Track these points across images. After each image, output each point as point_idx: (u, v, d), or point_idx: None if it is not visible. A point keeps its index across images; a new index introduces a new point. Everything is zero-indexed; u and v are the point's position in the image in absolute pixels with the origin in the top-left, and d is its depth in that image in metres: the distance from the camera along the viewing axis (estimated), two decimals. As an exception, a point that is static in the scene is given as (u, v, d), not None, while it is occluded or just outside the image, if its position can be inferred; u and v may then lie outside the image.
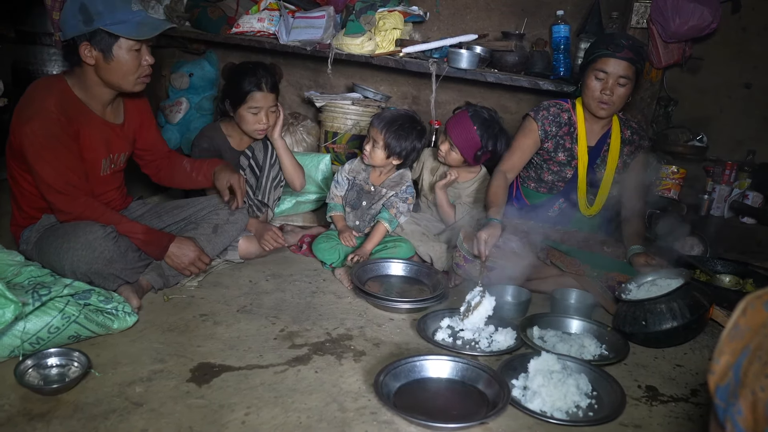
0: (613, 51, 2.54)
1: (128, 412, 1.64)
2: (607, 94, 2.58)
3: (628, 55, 2.54)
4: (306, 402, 1.75)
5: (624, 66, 2.55)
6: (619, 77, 2.56)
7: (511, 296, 2.50)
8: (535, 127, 2.75)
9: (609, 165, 2.74)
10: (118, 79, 2.23)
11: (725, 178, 3.32)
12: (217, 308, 2.29)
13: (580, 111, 2.75)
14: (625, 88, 2.59)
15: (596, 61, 2.59)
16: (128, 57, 2.20)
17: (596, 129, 2.75)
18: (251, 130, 2.80)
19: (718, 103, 3.50)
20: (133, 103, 2.48)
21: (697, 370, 2.15)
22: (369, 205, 2.86)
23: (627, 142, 2.77)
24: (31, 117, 2.13)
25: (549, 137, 2.75)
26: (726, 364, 0.95)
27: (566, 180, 2.77)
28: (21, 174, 2.26)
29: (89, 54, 2.16)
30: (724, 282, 2.78)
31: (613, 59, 2.55)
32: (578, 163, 2.73)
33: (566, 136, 2.75)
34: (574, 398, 1.80)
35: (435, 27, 3.84)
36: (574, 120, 2.74)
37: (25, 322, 1.79)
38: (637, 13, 3.18)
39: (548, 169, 2.79)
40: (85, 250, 2.11)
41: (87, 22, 2.12)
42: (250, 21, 3.71)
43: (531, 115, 2.78)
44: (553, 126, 2.74)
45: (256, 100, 2.73)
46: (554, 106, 2.77)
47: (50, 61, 3.61)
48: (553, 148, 2.76)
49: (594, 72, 2.60)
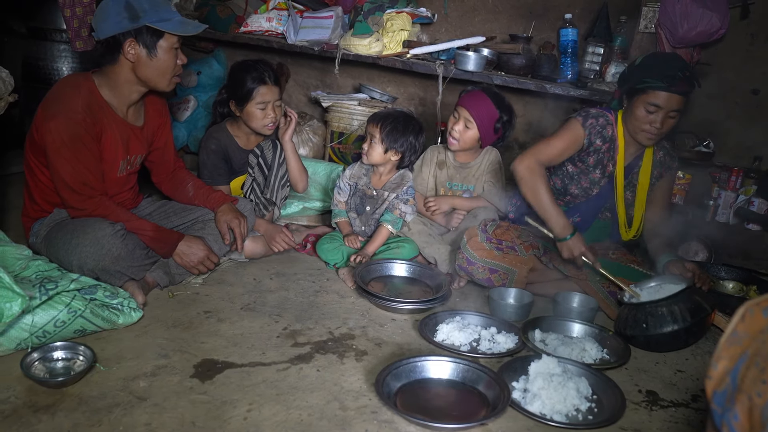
0: (668, 85, 2.33)
1: (132, 406, 1.66)
2: (657, 126, 2.40)
3: (682, 88, 2.35)
4: (307, 400, 1.77)
5: (677, 100, 2.36)
6: (671, 110, 2.38)
7: (513, 299, 2.51)
8: (582, 134, 2.52)
9: (640, 186, 2.62)
10: (157, 76, 2.27)
11: (731, 184, 3.32)
12: (221, 305, 2.30)
13: (621, 128, 2.55)
14: (674, 120, 2.41)
15: (647, 92, 2.37)
16: (168, 55, 2.26)
17: (632, 150, 2.59)
18: (261, 126, 2.78)
19: (726, 108, 3.49)
20: (153, 106, 2.51)
21: (698, 375, 2.15)
22: (373, 210, 2.86)
23: (658, 165, 2.64)
24: (57, 114, 2.17)
25: (592, 151, 2.55)
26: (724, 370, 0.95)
27: (588, 196, 2.65)
28: (39, 167, 2.29)
29: (132, 51, 2.21)
30: (727, 288, 2.78)
31: (667, 93, 2.35)
32: (616, 182, 2.59)
33: (607, 153, 2.56)
34: (574, 401, 1.81)
35: (443, 29, 3.85)
36: (616, 136, 2.55)
37: (32, 316, 1.81)
38: (645, 18, 3.18)
39: (578, 183, 2.63)
40: (93, 247, 2.13)
41: (133, 19, 2.17)
42: (258, 20, 3.73)
43: (579, 119, 2.54)
44: (598, 139, 2.53)
45: (263, 95, 2.73)
46: (602, 117, 2.54)
47: (61, 58, 3.63)
48: (594, 163, 2.57)
49: (644, 104, 2.39)
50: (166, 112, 2.61)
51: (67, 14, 2.68)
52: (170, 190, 2.68)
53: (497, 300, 2.44)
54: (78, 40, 2.72)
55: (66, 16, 2.69)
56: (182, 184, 2.65)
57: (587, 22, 3.53)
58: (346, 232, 2.85)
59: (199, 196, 2.61)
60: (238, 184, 2.91)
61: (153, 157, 2.61)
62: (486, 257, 2.54)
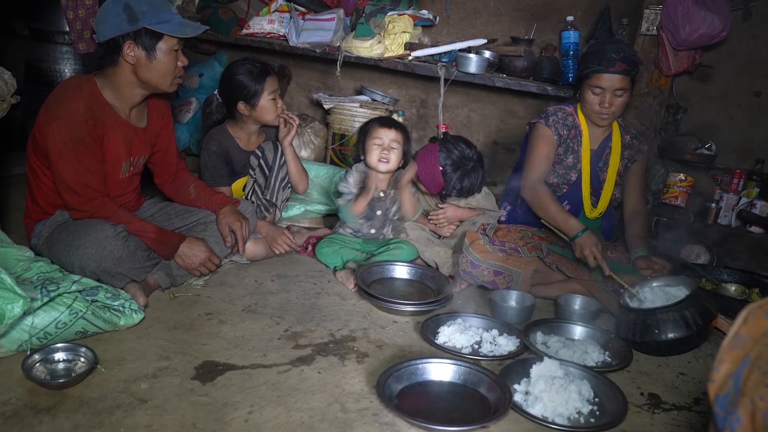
0: (605, 67, 2.55)
1: (133, 408, 1.66)
2: (606, 106, 2.60)
3: (621, 68, 2.55)
4: (308, 402, 1.76)
5: (618, 79, 2.57)
6: (615, 90, 2.58)
7: (514, 301, 2.50)
8: (550, 132, 2.73)
9: (611, 168, 2.76)
10: (157, 78, 2.28)
11: (733, 187, 3.31)
12: (223, 307, 2.30)
13: (582, 116, 2.76)
14: (622, 98, 2.61)
15: (590, 77, 2.60)
16: (168, 57, 2.26)
17: (598, 134, 2.77)
18: (274, 116, 2.81)
19: (728, 111, 3.49)
20: (156, 107, 2.52)
21: (700, 378, 2.15)
22: (384, 213, 2.84)
23: (627, 147, 2.78)
24: (59, 116, 2.17)
25: (561, 141, 2.75)
26: (726, 373, 0.95)
27: (570, 183, 2.77)
28: (41, 168, 2.29)
29: (132, 53, 2.21)
30: (729, 291, 2.77)
31: (606, 75, 2.56)
32: (582, 166, 2.74)
33: (574, 139, 2.76)
34: (576, 404, 1.81)
35: (444, 31, 3.85)
36: (578, 123, 2.76)
37: (33, 317, 1.81)
38: (647, 20, 3.17)
39: (554, 172, 2.78)
40: (94, 249, 2.13)
41: (131, 21, 2.17)
42: (260, 22, 3.74)
43: (541, 122, 2.75)
44: (564, 129, 2.74)
45: (271, 85, 2.78)
46: (560, 111, 2.77)
47: (63, 59, 3.64)
48: (563, 152, 2.76)
49: (590, 88, 2.62)
50: (168, 113, 2.61)
51: (70, 16, 2.69)
52: (172, 191, 2.68)
53: (499, 302, 2.43)
54: (81, 42, 2.74)
55: (69, 18, 2.70)
56: (184, 185, 2.65)
57: (589, 25, 3.53)
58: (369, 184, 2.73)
59: (201, 198, 2.61)
60: (240, 185, 2.91)
61: (155, 159, 2.61)
62: (490, 259, 2.54)
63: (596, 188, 2.78)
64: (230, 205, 2.59)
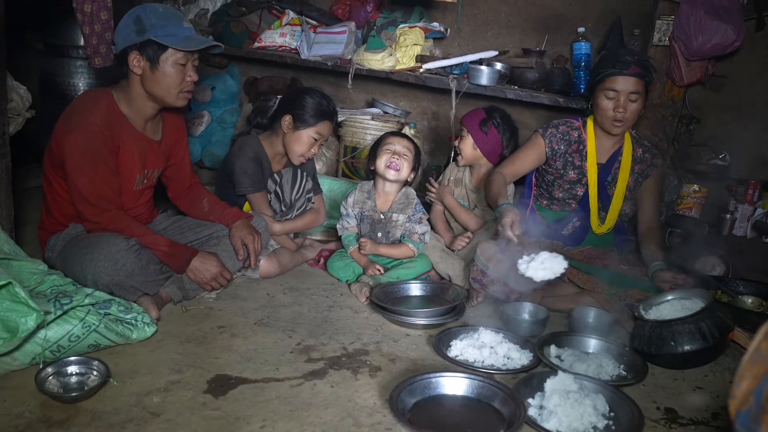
0: (620, 69, 2.56)
1: (145, 422, 1.66)
2: (620, 111, 2.59)
3: (635, 70, 2.55)
4: (321, 416, 1.75)
5: (633, 82, 2.57)
6: (629, 93, 2.57)
7: (528, 314, 2.48)
8: (542, 143, 2.76)
9: (620, 183, 2.74)
10: (162, 90, 2.29)
11: (748, 198, 3.28)
12: (235, 320, 2.30)
13: (591, 128, 2.76)
14: (636, 104, 2.60)
15: (604, 81, 2.60)
16: (173, 70, 2.27)
17: (607, 146, 2.75)
18: (300, 153, 2.78)
19: (742, 121, 3.46)
20: (171, 121, 2.54)
21: (718, 392, 2.11)
22: (385, 235, 2.84)
23: (638, 161, 2.76)
24: (75, 128, 2.20)
25: (557, 155, 2.76)
26: (747, 389, 0.93)
27: (578, 198, 2.77)
28: (56, 180, 2.32)
29: (137, 63, 2.25)
30: (746, 303, 2.73)
31: (621, 77, 2.57)
32: (588, 180, 2.73)
33: (575, 153, 2.75)
34: (591, 419, 1.78)
35: (456, 43, 3.86)
36: (584, 137, 2.75)
37: (46, 330, 1.82)
38: (659, 31, 3.16)
39: (559, 186, 2.79)
40: (107, 262, 2.15)
41: (139, 33, 2.22)
42: (272, 36, 3.76)
43: (539, 131, 2.80)
44: (562, 144, 2.75)
45: (324, 127, 2.78)
46: (564, 125, 2.78)
47: (78, 74, 3.67)
48: (562, 166, 2.76)
49: (604, 92, 2.61)
50: (183, 127, 2.63)
51: (86, 31, 2.72)
52: (186, 205, 2.70)
53: (512, 315, 2.42)
54: (97, 56, 2.77)
55: (85, 33, 2.73)
56: (198, 199, 2.67)
57: (600, 36, 3.53)
58: (364, 264, 2.75)
59: (215, 212, 2.62)
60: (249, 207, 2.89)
61: (169, 172, 2.62)
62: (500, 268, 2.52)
63: (605, 203, 2.76)
64: (243, 219, 2.59)
